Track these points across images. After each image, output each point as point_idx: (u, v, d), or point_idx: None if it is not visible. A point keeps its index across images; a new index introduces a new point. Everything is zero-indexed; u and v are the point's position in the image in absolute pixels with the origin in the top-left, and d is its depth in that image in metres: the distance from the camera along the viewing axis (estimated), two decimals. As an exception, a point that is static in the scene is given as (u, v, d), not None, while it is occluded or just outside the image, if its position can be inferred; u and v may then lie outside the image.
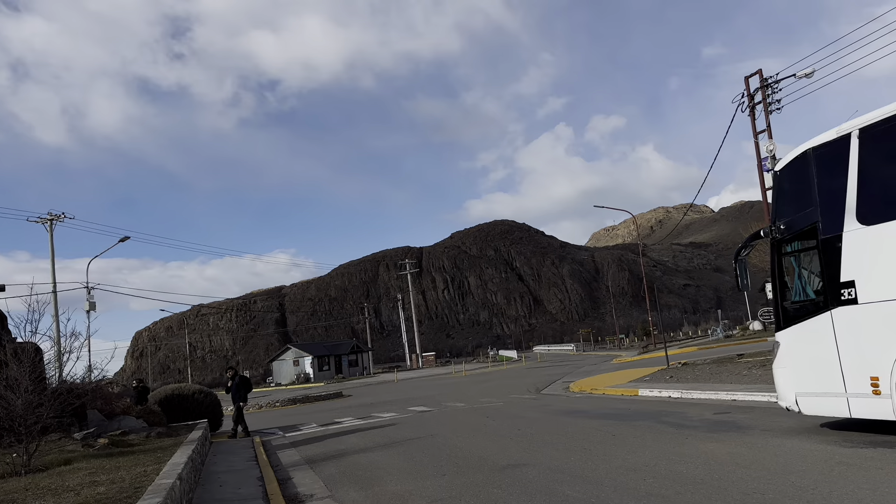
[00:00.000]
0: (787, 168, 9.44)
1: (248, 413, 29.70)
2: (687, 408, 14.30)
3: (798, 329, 9.19)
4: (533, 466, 9.09)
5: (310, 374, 70.27)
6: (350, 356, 76.10)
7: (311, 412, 25.75)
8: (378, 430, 16.36)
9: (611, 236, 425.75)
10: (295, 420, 22.58)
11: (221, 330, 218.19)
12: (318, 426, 19.35)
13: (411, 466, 10.23)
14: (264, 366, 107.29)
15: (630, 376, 23.71)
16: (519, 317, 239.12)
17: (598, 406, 16.59)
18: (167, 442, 13.58)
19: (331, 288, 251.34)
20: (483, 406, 19.71)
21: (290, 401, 32.20)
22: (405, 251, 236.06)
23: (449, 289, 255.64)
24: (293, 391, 52.10)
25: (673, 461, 8.44)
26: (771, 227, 9.54)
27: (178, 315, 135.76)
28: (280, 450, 14.73)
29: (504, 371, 47.32)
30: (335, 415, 22.69)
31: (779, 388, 9.66)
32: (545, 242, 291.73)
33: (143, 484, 8.00)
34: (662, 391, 17.54)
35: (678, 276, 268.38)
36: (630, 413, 14.33)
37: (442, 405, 21.69)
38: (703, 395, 15.92)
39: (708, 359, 25.13)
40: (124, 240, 40.13)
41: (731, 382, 17.07)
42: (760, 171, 19.01)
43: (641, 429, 11.63)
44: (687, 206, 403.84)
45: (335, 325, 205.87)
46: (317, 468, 11.26)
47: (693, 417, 12.52)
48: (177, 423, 18.08)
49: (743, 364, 19.90)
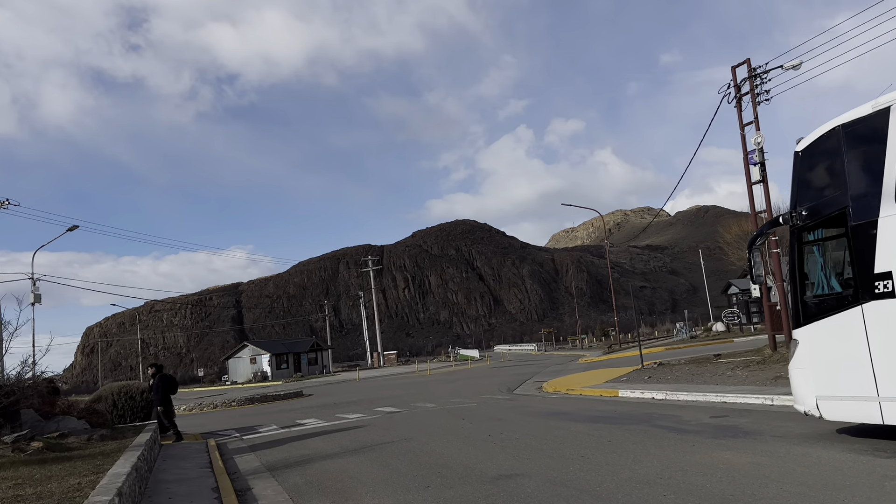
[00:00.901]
0: (811, 147, 8.57)
1: (201, 413, 28.19)
2: (677, 410, 13.45)
3: (820, 326, 8.33)
4: (528, 477, 8.05)
5: (267, 372, 68.33)
6: (310, 354, 74.30)
7: (270, 412, 24.36)
8: (345, 432, 15.16)
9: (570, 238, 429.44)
10: (253, 421, 21.20)
11: (175, 326, 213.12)
12: (278, 428, 18.04)
13: (388, 476, 9.11)
14: (220, 363, 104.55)
15: (604, 376, 22.93)
16: (479, 316, 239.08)
17: (580, 408, 15.66)
18: (111, 446, 12.18)
19: (289, 285, 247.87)
20: (456, 407, 18.64)
21: (248, 400, 30.67)
22: (366, 249, 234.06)
23: (410, 288, 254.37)
24: (250, 390, 50.32)
25: (688, 472, 7.48)
26: (791, 213, 8.66)
27: (130, 311, 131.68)
28: (237, 454, 13.43)
29: (469, 370, 46.34)
30: (297, 415, 21.37)
31: (796, 391, 8.80)
32: (506, 243, 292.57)
33: (76, 499, 6.74)
34: (645, 392, 16.70)
35: (635, 278, 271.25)
36: (618, 416, 13.41)
37: (411, 406, 20.55)
38: (690, 396, 15.11)
39: (682, 359, 24.49)
40: (73, 229, 38.01)
41: (717, 384, 16.33)
42: (746, 165, 18.32)
43: (637, 434, 10.69)
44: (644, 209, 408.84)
45: (293, 323, 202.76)
46: (280, 476, 10.06)
47: (690, 421, 11.64)
48: (123, 425, 16.62)
49: (724, 364, 19.22)
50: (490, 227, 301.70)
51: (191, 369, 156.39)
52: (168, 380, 17.20)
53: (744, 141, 18.33)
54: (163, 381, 16.90)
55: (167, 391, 16.88)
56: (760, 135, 17.42)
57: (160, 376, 17.02)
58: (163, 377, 17.06)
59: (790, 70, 18.41)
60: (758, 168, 17.60)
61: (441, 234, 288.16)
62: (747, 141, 18.11)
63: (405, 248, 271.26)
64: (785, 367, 16.87)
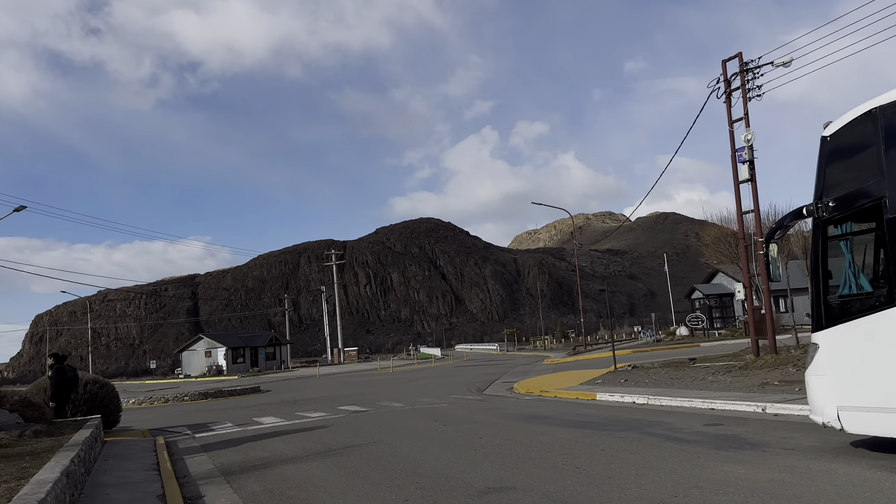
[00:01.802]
0: (842, 132, 7.77)
1: (151, 407, 26.60)
2: (665, 416, 12.64)
3: (846, 329, 7.54)
4: (521, 491, 7.10)
5: (223, 366, 66.36)
6: (267, 349, 72.44)
7: (225, 408, 23.03)
8: (308, 433, 14.04)
9: (533, 239, 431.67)
10: (206, 417, 19.90)
11: (129, 317, 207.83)
12: (234, 426, 16.81)
13: (360, 486, 8.07)
14: (173, 356, 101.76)
15: (577, 378, 22.17)
16: (440, 315, 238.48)
17: (559, 411, 14.79)
18: (44, 444, 10.88)
19: (248, 278, 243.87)
20: (426, 407, 17.63)
21: (201, 395, 29.19)
22: (328, 244, 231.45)
23: (371, 284, 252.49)
24: (204, 384, 48.58)
25: (706, 491, 6.60)
26: (816, 205, 7.85)
27: (82, 299, 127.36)
28: (188, 455, 12.23)
29: (434, 369, 45.34)
30: (254, 413, 20.13)
31: (814, 400, 8.00)
32: (469, 242, 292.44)
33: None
34: (625, 396, 15.92)
35: (594, 282, 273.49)
36: (603, 421, 12.55)
37: (377, 405, 19.48)
38: (674, 402, 14.35)
39: (655, 362, 23.87)
40: (20, 209, 35.94)
41: (701, 389, 15.62)
42: (734, 162, 17.68)
43: (631, 442, 9.82)
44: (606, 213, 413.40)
45: (251, 317, 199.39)
46: (235, 482, 8.94)
47: (683, 429, 10.82)
48: (62, 419, 15.21)
49: (703, 369, 18.59)
50: (454, 227, 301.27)
51: (143, 361, 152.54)
52: (62, 373, 15.05)
53: (732, 138, 17.70)
54: (56, 375, 14.91)
55: (60, 386, 14.92)
56: (751, 131, 16.80)
57: (56, 368, 14.99)
58: (58, 370, 15.00)
59: (780, 67, 17.83)
60: (746, 166, 16.97)
61: (405, 231, 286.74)
62: (736, 138, 17.50)
63: (368, 244, 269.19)
64: (769, 373, 16.31)
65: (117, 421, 17.62)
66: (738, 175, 17.62)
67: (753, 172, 17.10)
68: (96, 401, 16.43)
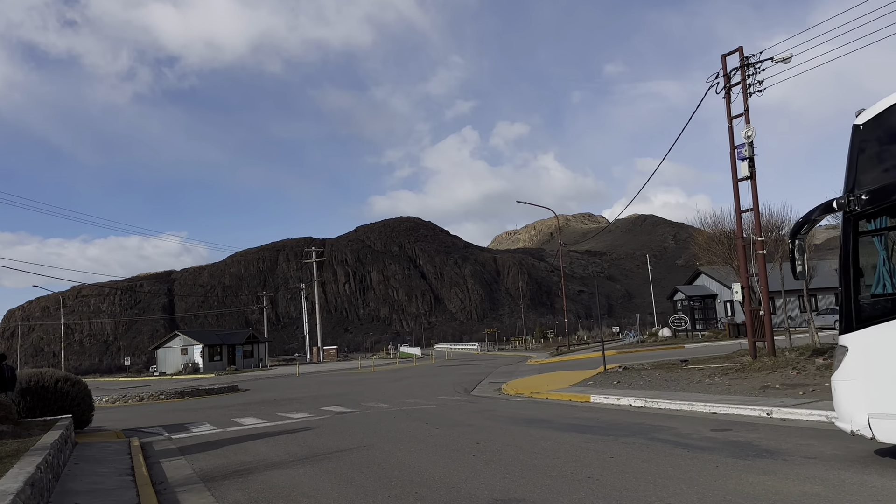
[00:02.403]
0: (877, 120, 7.27)
1: (125, 405, 25.63)
2: (667, 421, 12.13)
3: (879, 331, 7.04)
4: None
5: (199, 364, 65.09)
6: (245, 347, 71.24)
7: (203, 408, 22.21)
8: (292, 435, 13.35)
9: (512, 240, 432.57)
10: (183, 417, 19.09)
11: (103, 313, 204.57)
12: (213, 427, 16.05)
13: (354, 496, 7.44)
14: (148, 353, 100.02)
15: (566, 379, 21.65)
16: (419, 314, 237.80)
17: (555, 414, 14.23)
18: (10, 447, 10.10)
19: (225, 275, 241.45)
20: (413, 408, 16.99)
21: (178, 393, 28.27)
22: (307, 241, 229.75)
23: (350, 283, 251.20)
24: (180, 382, 47.48)
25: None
26: (847, 198, 7.35)
27: (55, 294, 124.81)
28: (165, 458, 11.51)
29: (416, 368, 44.65)
30: (233, 413, 19.36)
31: (841, 407, 7.50)
32: (449, 242, 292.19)
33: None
34: (620, 398, 15.40)
35: (573, 283, 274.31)
36: (603, 425, 12.01)
37: (362, 406, 18.80)
38: (672, 405, 13.86)
39: (645, 363, 23.40)
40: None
41: (699, 392, 15.16)
42: (733, 159, 17.24)
43: (640, 448, 9.27)
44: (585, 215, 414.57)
45: (228, 314, 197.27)
46: (217, 490, 8.27)
47: (691, 435, 10.30)
48: (32, 419, 14.38)
49: (696, 371, 18.15)
50: (434, 226, 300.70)
51: (117, 358, 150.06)
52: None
53: (731, 134, 17.25)
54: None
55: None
56: (751, 127, 16.36)
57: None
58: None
59: (780, 63, 17.45)
60: (746, 163, 16.54)
61: (385, 230, 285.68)
62: (736, 134, 17.06)
63: (348, 242, 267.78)
64: (769, 375, 15.89)
65: (90, 421, 16.79)
66: (738, 172, 17.19)
67: (753, 170, 16.67)
68: (67, 400, 15.60)
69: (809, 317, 22.05)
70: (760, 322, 17.21)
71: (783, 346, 19.72)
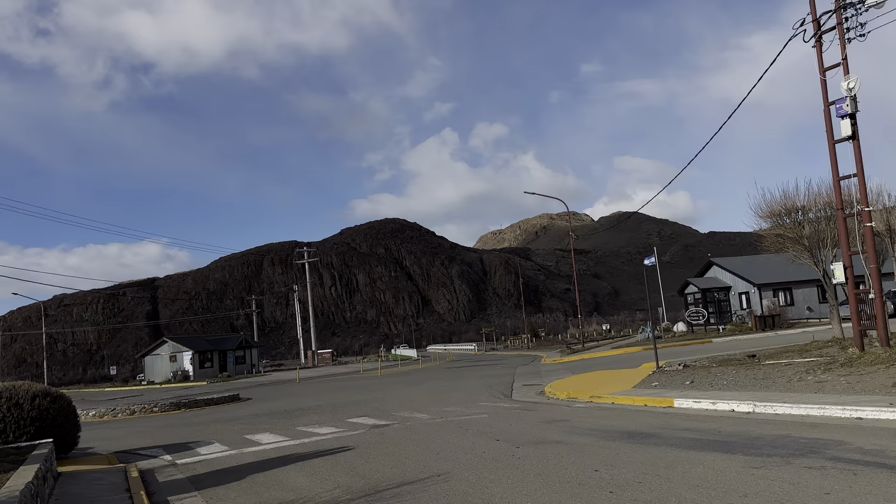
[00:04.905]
0: None
1: (114, 420, 22.79)
2: (811, 431, 9.57)
3: None
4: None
5: (189, 371, 61.95)
6: (237, 352, 68.18)
7: (205, 422, 19.46)
8: (330, 458, 10.70)
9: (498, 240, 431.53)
10: (185, 435, 16.35)
11: (86, 322, 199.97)
12: (224, 447, 13.34)
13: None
14: (134, 361, 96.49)
15: (616, 379, 19.15)
16: (407, 316, 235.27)
17: (648, 424, 11.65)
18: (-32, 491, 7.40)
19: (209, 281, 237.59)
20: (461, 419, 14.37)
21: (173, 405, 25.40)
22: (292, 245, 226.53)
23: (336, 286, 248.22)
24: (172, 391, 44.50)
25: None
26: None
27: (38, 304, 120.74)
28: (176, 496, 8.87)
29: (425, 371, 41.92)
30: (243, 428, 16.64)
31: None
32: (436, 242, 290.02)
33: None
34: (717, 403, 12.86)
35: (560, 281, 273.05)
36: (739, 440, 9.41)
37: (396, 416, 16.14)
38: (794, 409, 11.28)
39: (701, 360, 20.94)
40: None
41: (813, 392, 12.63)
42: (828, 119, 14.81)
43: (843, 476, 6.70)
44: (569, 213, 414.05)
45: (214, 320, 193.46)
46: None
47: (886, 452, 7.78)
48: (3, 446, 11.62)
49: (783, 367, 15.68)
50: (420, 227, 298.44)
51: (102, 367, 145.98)
52: None
53: (824, 87, 14.79)
54: None
55: None
56: (853, 77, 13.94)
57: None
58: None
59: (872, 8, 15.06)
60: (847, 121, 14.12)
61: (370, 232, 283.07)
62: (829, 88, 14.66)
63: (333, 245, 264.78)
64: (889, 370, 13.49)
65: (75, 443, 14.00)
66: (835, 132, 14.76)
67: (856, 129, 14.21)
68: (47, 419, 12.81)
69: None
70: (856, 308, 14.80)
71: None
